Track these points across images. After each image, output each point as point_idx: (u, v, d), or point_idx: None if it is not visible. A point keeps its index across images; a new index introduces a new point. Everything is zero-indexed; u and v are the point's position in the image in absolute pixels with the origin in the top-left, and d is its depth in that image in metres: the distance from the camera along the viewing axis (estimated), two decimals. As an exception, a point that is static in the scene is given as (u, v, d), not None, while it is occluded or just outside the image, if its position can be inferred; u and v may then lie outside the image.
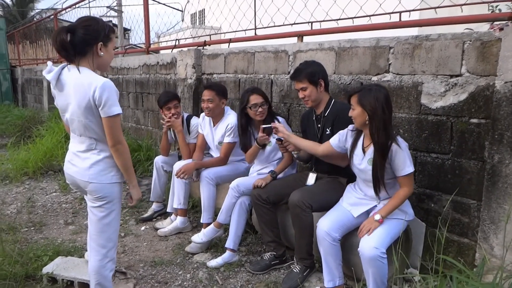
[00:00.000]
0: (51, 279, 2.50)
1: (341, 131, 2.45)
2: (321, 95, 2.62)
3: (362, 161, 2.31)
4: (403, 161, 2.17)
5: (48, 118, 7.56)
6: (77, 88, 1.87)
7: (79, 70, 1.89)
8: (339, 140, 2.43)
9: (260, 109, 2.88)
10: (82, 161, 1.99)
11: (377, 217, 2.17)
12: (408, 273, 2.61)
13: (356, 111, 2.24)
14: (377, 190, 2.26)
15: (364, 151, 2.32)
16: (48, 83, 2.02)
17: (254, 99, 2.88)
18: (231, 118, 3.23)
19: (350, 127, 2.42)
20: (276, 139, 2.69)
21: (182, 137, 3.42)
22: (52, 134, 5.93)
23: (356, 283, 2.47)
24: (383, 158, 2.18)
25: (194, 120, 3.57)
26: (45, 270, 2.53)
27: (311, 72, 2.56)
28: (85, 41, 1.89)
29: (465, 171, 2.41)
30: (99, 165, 1.98)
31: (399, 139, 2.23)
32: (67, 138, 5.80)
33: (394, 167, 2.21)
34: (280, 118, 2.97)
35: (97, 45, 1.91)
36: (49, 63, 1.99)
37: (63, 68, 1.94)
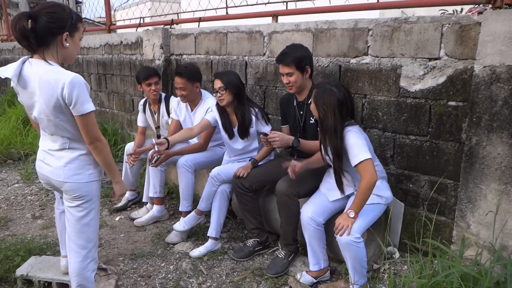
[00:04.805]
0: (26, 281, 2.37)
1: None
2: (305, 81, 2.57)
3: (329, 151, 2.33)
4: (351, 150, 2.15)
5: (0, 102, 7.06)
6: (42, 85, 1.70)
7: (44, 63, 1.71)
8: None
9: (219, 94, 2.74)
10: (56, 160, 1.86)
11: (352, 214, 2.12)
12: (388, 251, 2.70)
13: (312, 105, 2.29)
14: (339, 182, 2.28)
15: None
16: None
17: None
18: (210, 101, 3.10)
19: None
20: (261, 133, 2.59)
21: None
22: (7, 120, 5.55)
23: (340, 265, 2.53)
24: (338, 157, 2.20)
25: (173, 99, 3.48)
26: (19, 272, 2.38)
27: (299, 57, 2.47)
28: (48, 30, 1.70)
29: (442, 152, 2.48)
30: (74, 163, 1.85)
31: (352, 129, 2.19)
32: (25, 123, 5.46)
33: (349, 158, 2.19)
34: (256, 110, 2.81)
35: (63, 35, 1.73)
36: None
37: (24, 62, 1.75)
